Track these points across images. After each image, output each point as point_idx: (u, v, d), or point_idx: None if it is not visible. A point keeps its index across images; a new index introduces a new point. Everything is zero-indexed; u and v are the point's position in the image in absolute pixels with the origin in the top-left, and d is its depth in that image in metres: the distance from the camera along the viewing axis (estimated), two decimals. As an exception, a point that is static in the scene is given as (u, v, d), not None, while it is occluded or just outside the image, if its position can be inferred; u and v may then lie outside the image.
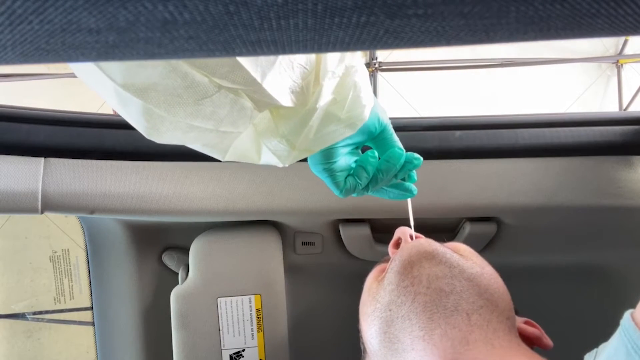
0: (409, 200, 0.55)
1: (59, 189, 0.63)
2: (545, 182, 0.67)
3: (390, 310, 0.47)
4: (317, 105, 0.39)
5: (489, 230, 0.72)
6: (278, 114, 0.40)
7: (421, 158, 0.50)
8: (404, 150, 0.49)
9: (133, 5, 0.15)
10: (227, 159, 0.41)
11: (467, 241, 0.73)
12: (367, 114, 0.44)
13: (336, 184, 0.47)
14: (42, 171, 0.63)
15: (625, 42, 2.35)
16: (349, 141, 0.47)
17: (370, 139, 0.49)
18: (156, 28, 0.16)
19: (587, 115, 0.70)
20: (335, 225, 0.75)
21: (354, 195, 0.49)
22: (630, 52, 2.39)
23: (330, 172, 0.47)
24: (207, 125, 0.36)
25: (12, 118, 0.64)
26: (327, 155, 0.46)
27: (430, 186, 0.67)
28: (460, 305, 0.45)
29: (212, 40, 0.17)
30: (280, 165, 0.44)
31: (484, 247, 0.76)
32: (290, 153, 0.42)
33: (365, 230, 0.73)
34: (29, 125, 0.64)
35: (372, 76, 2.32)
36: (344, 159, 0.48)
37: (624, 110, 2.35)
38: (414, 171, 0.51)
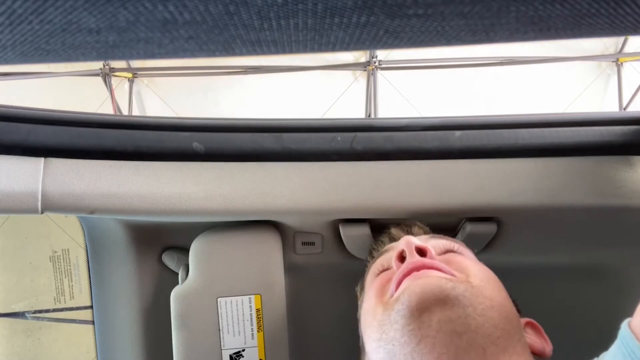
0: None
1: (59, 189, 0.63)
2: (545, 182, 0.67)
3: (393, 345, 0.47)
4: None
5: (489, 230, 0.72)
6: None
7: None
8: None
9: (133, 5, 0.15)
10: None
11: (467, 241, 0.73)
12: None
13: None
14: (42, 171, 0.63)
15: (625, 40, 2.34)
16: None
17: None
18: (156, 28, 0.16)
19: (587, 115, 0.70)
20: (335, 225, 0.75)
21: None
22: (631, 51, 2.39)
23: None
24: None
25: (12, 118, 0.64)
26: None
27: (430, 186, 0.67)
28: (475, 341, 0.45)
29: (212, 40, 0.17)
30: None
31: (484, 247, 0.76)
32: None
33: (365, 230, 0.73)
34: (29, 125, 0.64)
35: (372, 75, 2.32)
36: None
37: (624, 108, 2.35)
38: None
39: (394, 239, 0.66)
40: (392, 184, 0.67)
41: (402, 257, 0.55)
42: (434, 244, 0.60)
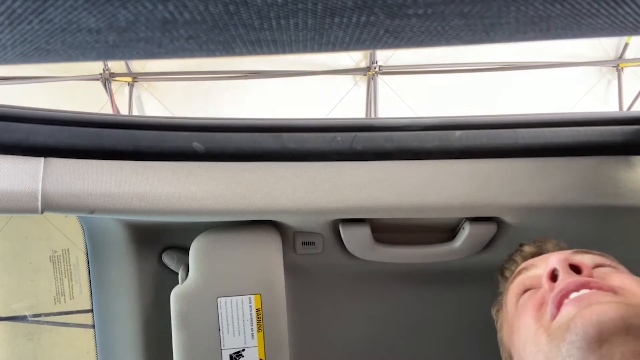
0: None
1: (59, 189, 0.63)
2: (545, 182, 0.67)
3: None
4: None
5: (489, 230, 0.72)
6: None
7: None
8: None
9: (133, 5, 0.15)
10: None
11: (467, 241, 0.73)
12: None
13: None
14: (42, 171, 0.63)
15: (626, 46, 2.35)
16: None
17: None
18: (156, 28, 0.16)
19: (587, 115, 0.70)
20: (335, 225, 0.75)
21: None
22: (631, 56, 2.39)
23: None
24: None
25: (12, 118, 0.64)
26: None
27: (430, 186, 0.67)
28: None
29: (212, 40, 0.17)
30: None
31: (484, 247, 0.76)
32: None
33: (365, 230, 0.73)
34: (29, 125, 0.64)
35: (372, 80, 2.32)
36: None
37: (624, 112, 2.35)
38: None
39: (526, 257, 0.62)
40: (392, 183, 0.67)
41: (553, 276, 0.50)
42: (583, 258, 0.54)
